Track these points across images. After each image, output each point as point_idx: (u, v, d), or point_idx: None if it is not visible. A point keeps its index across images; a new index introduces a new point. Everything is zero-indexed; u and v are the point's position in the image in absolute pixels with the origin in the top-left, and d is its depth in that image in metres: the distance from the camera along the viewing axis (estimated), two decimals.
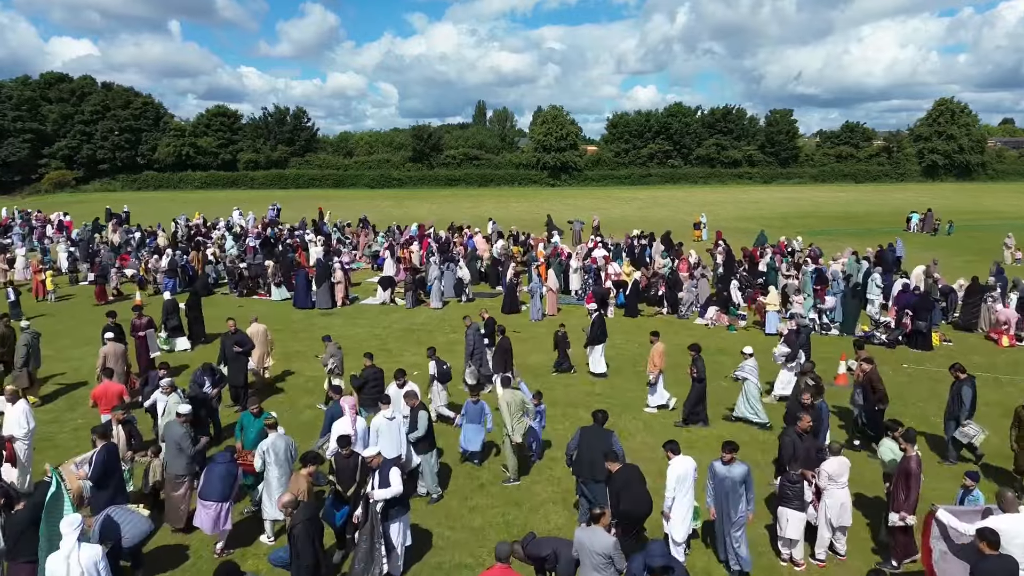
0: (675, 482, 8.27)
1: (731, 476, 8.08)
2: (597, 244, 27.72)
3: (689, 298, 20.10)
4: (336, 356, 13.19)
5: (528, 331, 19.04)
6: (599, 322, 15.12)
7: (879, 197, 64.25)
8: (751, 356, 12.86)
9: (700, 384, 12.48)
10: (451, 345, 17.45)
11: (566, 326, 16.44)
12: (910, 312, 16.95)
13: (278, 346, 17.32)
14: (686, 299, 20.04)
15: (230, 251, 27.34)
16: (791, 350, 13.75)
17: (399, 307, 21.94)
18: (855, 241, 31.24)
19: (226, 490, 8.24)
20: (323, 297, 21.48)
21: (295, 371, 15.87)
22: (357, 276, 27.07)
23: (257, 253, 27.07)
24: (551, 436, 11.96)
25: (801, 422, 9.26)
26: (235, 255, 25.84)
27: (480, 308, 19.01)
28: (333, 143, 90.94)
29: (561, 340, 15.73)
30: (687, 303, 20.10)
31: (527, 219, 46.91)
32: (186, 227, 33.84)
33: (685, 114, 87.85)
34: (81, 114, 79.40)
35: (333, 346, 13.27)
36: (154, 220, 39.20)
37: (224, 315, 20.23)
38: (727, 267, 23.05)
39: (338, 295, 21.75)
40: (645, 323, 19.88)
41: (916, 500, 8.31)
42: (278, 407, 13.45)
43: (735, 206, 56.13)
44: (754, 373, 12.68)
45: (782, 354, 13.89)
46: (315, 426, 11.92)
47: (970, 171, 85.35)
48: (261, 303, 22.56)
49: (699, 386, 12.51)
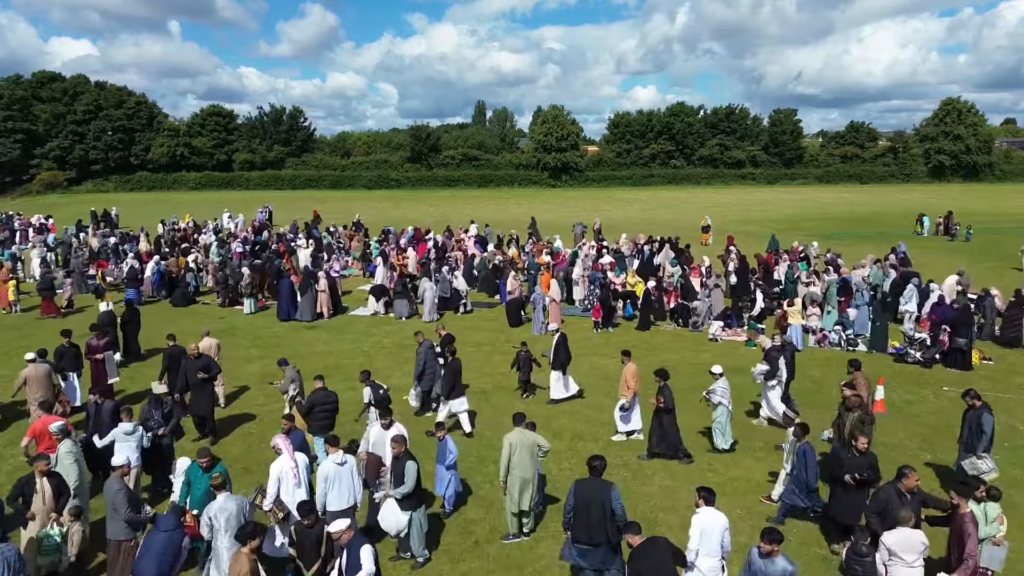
0: (699, 536, 6.99)
1: (769, 573, 6.61)
2: (600, 249, 26.25)
3: (702, 309, 18.61)
4: (296, 381, 11.72)
5: (531, 346, 17.47)
6: (563, 344, 13.63)
7: (886, 198, 62.80)
8: (721, 376, 11.58)
9: (668, 415, 11.13)
10: None
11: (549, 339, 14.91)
12: (947, 328, 15.49)
13: (250, 365, 15.87)
14: (700, 310, 18.55)
15: (214, 257, 25.89)
16: (771, 367, 12.39)
17: (391, 319, 20.43)
18: (869, 246, 29.78)
19: (163, 568, 6.78)
20: (306, 308, 19.96)
21: (271, 396, 14.35)
22: (349, 283, 25.61)
23: (244, 259, 25.65)
24: (559, 479, 10.50)
25: (907, 479, 7.72)
26: (218, 262, 24.33)
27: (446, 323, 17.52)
28: (331, 143, 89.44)
29: (524, 361, 14.26)
30: (701, 315, 18.62)
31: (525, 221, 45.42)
32: (172, 230, 32.37)
33: (688, 114, 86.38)
34: (73, 114, 77.91)
35: (291, 370, 11.68)
36: (146, 222, 37.82)
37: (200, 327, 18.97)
38: (741, 275, 21.59)
39: (322, 306, 20.23)
40: (655, 338, 18.43)
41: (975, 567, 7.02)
42: (245, 442, 12.00)
43: (739, 208, 54.68)
44: (726, 396, 11.41)
45: (761, 372, 12.50)
46: None
47: (977, 172, 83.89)
48: (242, 315, 20.97)
49: (667, 417, 11.15)
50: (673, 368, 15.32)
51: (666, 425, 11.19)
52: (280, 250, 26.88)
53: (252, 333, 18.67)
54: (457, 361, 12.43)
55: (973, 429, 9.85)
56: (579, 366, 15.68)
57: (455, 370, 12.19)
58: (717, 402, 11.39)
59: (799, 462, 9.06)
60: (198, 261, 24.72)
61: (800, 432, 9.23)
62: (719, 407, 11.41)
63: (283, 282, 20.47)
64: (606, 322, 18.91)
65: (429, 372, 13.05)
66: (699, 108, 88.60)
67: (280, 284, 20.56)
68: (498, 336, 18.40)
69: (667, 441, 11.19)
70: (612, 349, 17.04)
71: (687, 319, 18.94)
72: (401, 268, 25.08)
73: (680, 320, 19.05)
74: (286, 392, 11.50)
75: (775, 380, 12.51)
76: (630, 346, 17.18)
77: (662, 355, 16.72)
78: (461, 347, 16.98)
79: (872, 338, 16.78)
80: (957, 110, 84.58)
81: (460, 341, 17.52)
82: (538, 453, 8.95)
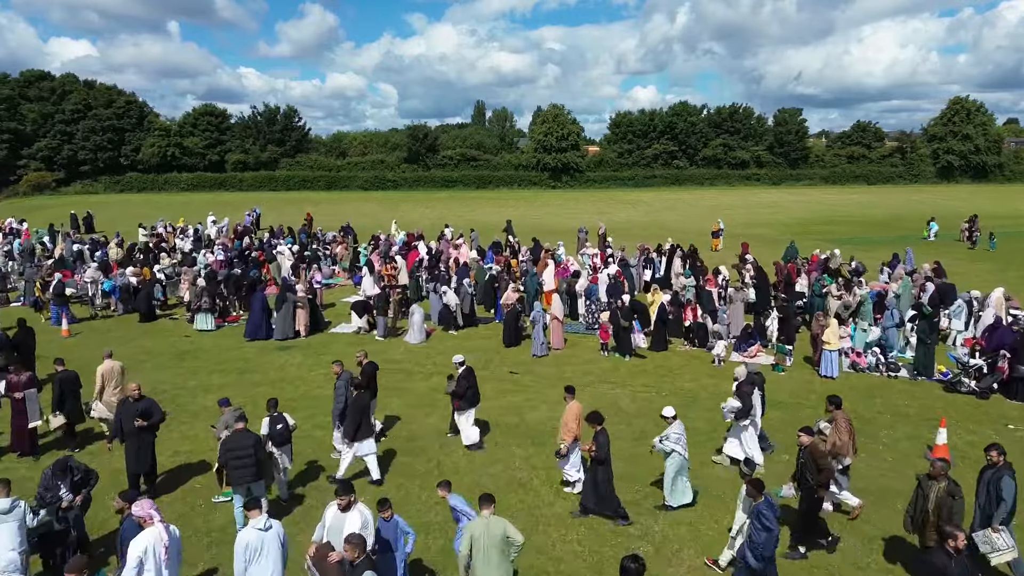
0: None
1: None
2: (606, 258, 24.29)
3: (721, 329, 16.62)
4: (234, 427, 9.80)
5: (529, 371, 15.55)
6: (468, 377, 11.64)
7: (896, 199, 60.90)
8: (675, 420, 9.71)
9: (603, 467, 9.27)
10: (432, 393, 14.05)
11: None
12: (1007, 353, 13.56)
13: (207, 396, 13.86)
14: (721, 331, 16.54)
15: (200, 266, 23.91)
16: (743, 404, 10.57)
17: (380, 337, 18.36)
18: (886, 252, 27.61)
19: None
20: (281, 325, 17.96)
21: None
22: (334, 295, 23.63)
23: (225, 267, 23.71)
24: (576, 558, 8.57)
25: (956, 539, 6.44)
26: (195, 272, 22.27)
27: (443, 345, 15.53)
28: (326, 143, 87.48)
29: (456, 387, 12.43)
30: (722, 334, 16.62)
31: (525, 224, 43.50)
32: (150, 236, 30.42)
33: (690, 113, 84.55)
34: (62, 113, 76.16)
35: (231, 414, 9.71)
36: (130, 225, 35.91)
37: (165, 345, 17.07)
38: (762, 288, 19.66)
39: (299, 323, 18.24)
40: (670, 360, 16.45)
41: None
42: (187, 501, 10.04)
43: (746, 210, 52.75)
44: (681, 442, 9.52)
45: (732, 409, 10.66)
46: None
47: (987, 172, 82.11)
48: (210, 334, 18.78)
49: (602, 469, 9.28)
50: (691, 399, 13.51)
51: (600, 479, 9.32)
52: (260, 258, 24.90)
53: (217, 355, 16.71)
54: (362, 396, 10.50)
55: (991, 494, 7.98)
56: (583, 397, 13.71)
57: (360, 407, 10.24)
58: (670, 450, 9.51)
59: (753, 525, 7.37)
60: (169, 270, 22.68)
61: (754, 490, 7.49)
62: (672, 456, 9.53)
63: (255, 296, 18.39)
64: (622, 349, 16.42)
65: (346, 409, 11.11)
66: (702, 107, 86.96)
67: (252, 298, 18.53)
68: (492, 358, 16.43)
69: (600, 497, 9.34)
70: (624, 375, 15.13)
71: (704, 339, 16.91)
72: (389, 278, 23.13)
73: (696, 340, 16.99)
74: (220, 439, 9.62)
75: (748, 419, 10.68)
76: (642, 370, 15.39)
77: (678, 381, 14.78)
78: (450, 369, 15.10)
79: (917, 362, 14.75)
80: (966, 109, 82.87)
81: (446, 365, 15.64)
82: (510, 552, 6.95)
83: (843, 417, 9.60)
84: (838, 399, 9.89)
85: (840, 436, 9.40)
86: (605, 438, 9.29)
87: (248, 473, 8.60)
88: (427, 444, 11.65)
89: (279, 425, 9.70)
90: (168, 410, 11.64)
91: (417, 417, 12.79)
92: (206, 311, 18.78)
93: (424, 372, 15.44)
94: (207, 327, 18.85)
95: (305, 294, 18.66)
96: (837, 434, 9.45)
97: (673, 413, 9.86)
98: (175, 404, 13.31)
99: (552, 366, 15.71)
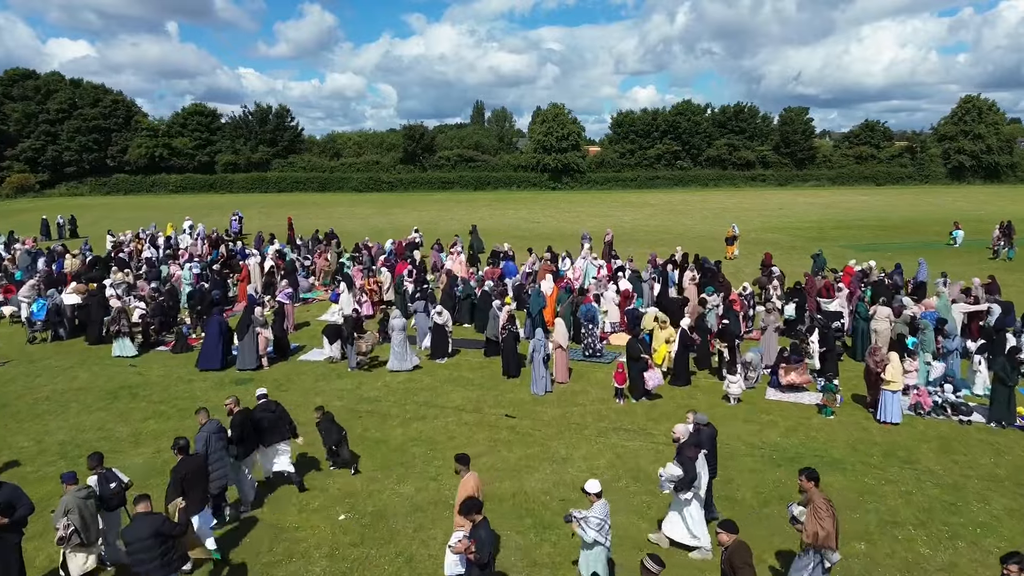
0: None
1: None
2: (612, 270, 21.80)
3: (757, 361, 14.10)
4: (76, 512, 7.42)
5: (529, 414, 12.94)
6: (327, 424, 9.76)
7: (909, 201, 58.46)
8: (598, 498, 7.42)
9: (483, 572, 6.83)
10: (410, 446, 11.54)
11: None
12: None
13: (137, 451, 11.39)
14: (755, 362, 14.01)
15: (186, 280, 21.50)
16: (685, 470, 8.16)
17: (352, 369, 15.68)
18: (910, 260, 25.07)
19: None
20: (244, 352, 15.42)
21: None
22: (311, 311, 21.11)
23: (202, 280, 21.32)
24: None
25: None
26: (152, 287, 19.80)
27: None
28: (320, 144, 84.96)
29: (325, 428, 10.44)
30: (758, 367, 14.09)
31: (524, 230, 41.09)
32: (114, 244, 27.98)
33: (694, 112, 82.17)
34: (46, 113, 73.83)
35: (73, 495, 7.31)
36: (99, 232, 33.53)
37: (107, 379, 14.50)
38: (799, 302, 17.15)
39: (260, 347, 15.44)
40: (695, 398, 13.97)
41: None
42: None
43: (757, 213, 50.30)
44: (604, 528, 7.27)
45: (671, 479, 8.27)
46: None
47: (999, 173, 79.67)
48: (158, 365, 16.06)
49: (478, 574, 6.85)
50: (728, 453, 10.97)
51: None
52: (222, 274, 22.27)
53: (163, 391, 14.19)
54: (194, 459, 8.25)
55: None
56: (594, 450, 11.27)
57: (193, 468, 8.00)
58: (592, 539, 7.24)
59: None
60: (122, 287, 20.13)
61: None
62: (594, 548, 7.31)
63: (211, 320, 15.83)
64: (634, 390, 13.51)
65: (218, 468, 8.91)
66: (706, 106, 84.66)
67: (209, 321, 15.99)
68: (486, 395, 13.90)
69: None
70: (642, 419, 12.62)
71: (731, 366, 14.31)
72: (371, 293, 20.68)
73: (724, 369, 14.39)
74: (57, 530, 7.22)
75: (691, 491, 8.26)
76: (662, 412, 12.86)
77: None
78: (434, 411, 12.67)
79: (996, 408, 12.22)
80: (977, 108, 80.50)
81: (431, 404, 13.21)
82: None
83: (820, 496, 7.19)
84: (813, 473, 7.40)
85: (822, 523, 7.00)
86: (487, 533, 6.85)
87: None
88: (398, 525, 9.12)
89: (113, 483, 7.72)
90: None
91: (387, 484, 10.23)
92: (124, 335, 16.28)
93: (403, 415, 12.82)
94: (124, 353, 16.32)
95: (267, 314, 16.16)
96: (817, 521, 7.03)
97: (598, 489, 7.45)
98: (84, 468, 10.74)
99: (556, 406, 13.22)
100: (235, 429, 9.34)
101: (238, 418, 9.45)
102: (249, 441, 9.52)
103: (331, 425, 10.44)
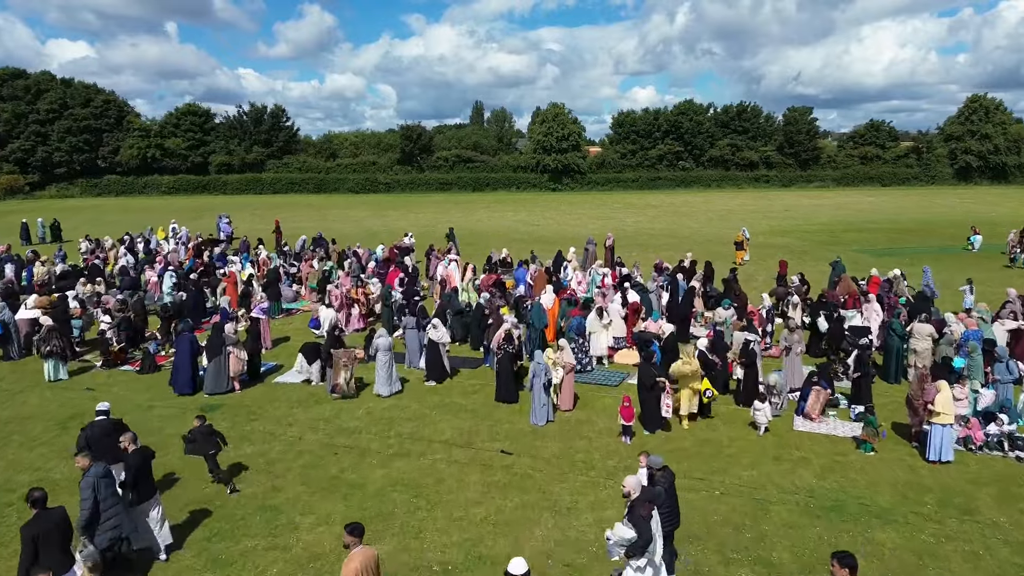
0: None
1: None
2: (617, 279, 20.34)
3: (782, 385, 12.62)
4: None
5: (528, 449, 11.38)
6: None
7: (918, 203, 57.09)
8: None
9: None
10: (389, 491, 10.03)
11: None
12: None
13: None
14: (780, 386, 12.53)
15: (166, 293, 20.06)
16: (639, 532, 6.67)
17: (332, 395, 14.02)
18: (934, 265, 23.64)
19: None
20: (214, 375, 13.92)
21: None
22: (291, 325, 19.61)
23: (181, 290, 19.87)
24: None
25: None
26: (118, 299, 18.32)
27: None
28: (316, 144, 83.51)
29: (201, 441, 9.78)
30: (783, 392, 12.62)
31: (523, 231, 39.65)
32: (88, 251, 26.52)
33: (696, 112, 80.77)
34: (36, 113, 72.44)
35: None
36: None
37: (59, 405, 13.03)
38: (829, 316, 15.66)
39: (231, 368, 13.92)
40: (715, 431, 12.48)
41: None
42: None
43: (763, 215, 48.91)
44: None
45: (621, 542, 6.76)
46: None
47: (1006, 174, 78.28)
48: (122, 388, 14.64)
49: None
50: (760, 504, 9.45)
51: None
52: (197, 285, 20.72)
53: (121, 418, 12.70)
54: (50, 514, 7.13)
55: None
56: (603, 494, 9.79)
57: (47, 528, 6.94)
58: None
59: None
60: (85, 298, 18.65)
61: None
62: None
63: (181, 337, 14.34)
64: (648, 422, 11.97)
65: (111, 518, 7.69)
66: (708, 106, 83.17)
67: (179, 339, 14.50)
68: (479, 425, 12.40)
69: None
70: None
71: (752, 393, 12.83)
72: (360, 305, 19.20)
73: (743, 399, 12.96)
74: None
75: (644, 558, 6.75)
76: (679, 447, 11.29)
77: (734, 467, 10.64)
78: (420, 446, 11.14)
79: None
80: (984, 107, 79.13)
81: (417, 436, 11.73)
82: None
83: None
84: (848, 558, 5.84)
85: None
86: None
87: None
88: None
89: None
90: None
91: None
92: (57, 356, 14.74)
93: (384, 452, 11.30)
94: (56, 377, 14.81)
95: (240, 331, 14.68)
96: None
97: (524, 570, 6.07)
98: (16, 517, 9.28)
99: (558, 440, 11.73)
100: (129, 472, 8.08)
101: (134, 460, 8.15)
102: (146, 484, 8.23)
103: (207, 438, 9.74)
